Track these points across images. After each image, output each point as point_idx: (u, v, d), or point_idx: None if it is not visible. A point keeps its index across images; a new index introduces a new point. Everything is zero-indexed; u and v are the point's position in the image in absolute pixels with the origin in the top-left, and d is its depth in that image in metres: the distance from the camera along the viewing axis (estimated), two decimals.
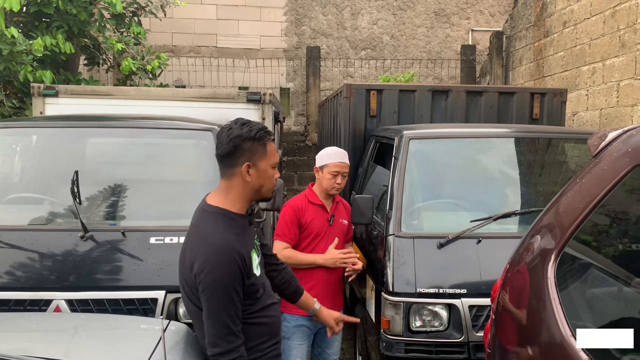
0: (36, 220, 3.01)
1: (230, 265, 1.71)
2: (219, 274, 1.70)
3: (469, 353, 2.72)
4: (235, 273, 1.72)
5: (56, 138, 3.40)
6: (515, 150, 3.68)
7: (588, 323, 1.37)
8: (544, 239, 1.59)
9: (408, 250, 2.88)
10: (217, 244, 1.73)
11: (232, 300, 1.72)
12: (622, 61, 5.66)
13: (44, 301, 2.55)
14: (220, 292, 1.70)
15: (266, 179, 1.85)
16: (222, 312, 1.71)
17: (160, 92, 4.67)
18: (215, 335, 1.72)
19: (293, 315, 2.94)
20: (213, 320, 1.72)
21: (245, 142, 1.80)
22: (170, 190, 3.23)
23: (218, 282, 1.70)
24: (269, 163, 1.85)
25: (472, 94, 4.64)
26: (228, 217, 1.81)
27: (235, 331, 1.73)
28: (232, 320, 1.73)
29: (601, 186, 1.45)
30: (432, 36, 10.82)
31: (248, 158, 1.81)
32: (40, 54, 5.50)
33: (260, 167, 1.83)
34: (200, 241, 1.77)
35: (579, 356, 1.27)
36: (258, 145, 1.82)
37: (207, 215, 1.84)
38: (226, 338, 1.71)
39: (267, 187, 1.88)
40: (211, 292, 1.70)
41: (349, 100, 4.51)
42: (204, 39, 10.31)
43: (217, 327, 1.72)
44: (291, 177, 9.18)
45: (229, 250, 1.72)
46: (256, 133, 1.81)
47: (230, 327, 1.72)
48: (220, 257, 1.71)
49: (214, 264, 1.70)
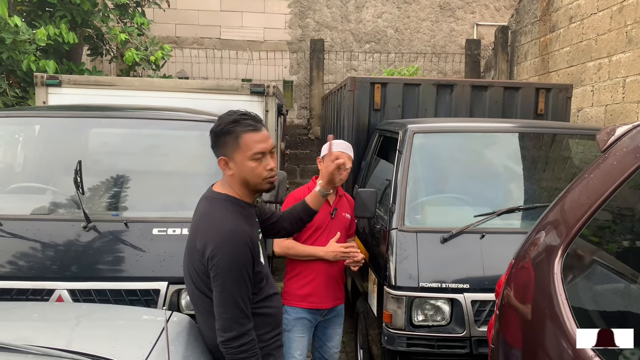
0: (39, 210, 3.01)
1: (243, 248, 1.72)
2: (233, 257, 1.70)
3: (470, 348, 2.72)
4: (247, 256, 1.73)
5: (59, 128, 3.39)
6: (519, 145, 3.66)
7: (594, 319, 1.35)
8: (551, 234, 1.57)
9: (411, 245, 2.87)
10: (230, 228, 1.73)
11: (245, 283, 1.73)
12: (629, 57, 5.62)
13: (46, 291, 2.55)
14: (235, 275, 1.71)
15: (247, 172, 1.80)
16: (236, 296, 1.71)
17: (164, 83, 4.65)
18: (229, 319, 1.71)
19: (294, 307, 2.94)
20: (227, 304, 1.72)
21: (218, 137, 1.79)
22: (173, 182, 3.22)
23: (233, 265, 1.70)
24: (245, 156, 1.78)
25: (477, 88, 4.62)
26: (237, 204, 1.82)
27: (247, 314, 1.74)
28: (245, 303, 1.73)
29: (609, 182, 1.44)
30: (436, 30, 10.76)
31: (223, 152, 1.80)
32: (43, 44, 5.48)
33: (237, 161, 1.79)
34: (211, 226, 1.76)
35: (585, 352, 1.26)
36: (229, 139, 1.78)
37: (216, 202, 1.84)
38: (240, 321, 1.72)
39: (254, 180, 1.82)
40: (226, 275, 1.70)
41: (353, 93, 4.49)
42: (207, 31, 10.27)
43: (232, 310, 1.71)
44: (293, 170, 9.17)
45: (242, 234, 1.73)
46: (223, 127, 1.78)
47: (244, 311, 1.73)
48: (233, 240, 1.71)
49: (228, 247, 1.70)
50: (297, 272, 2.95)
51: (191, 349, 1.79)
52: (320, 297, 2.94)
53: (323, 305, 2.97)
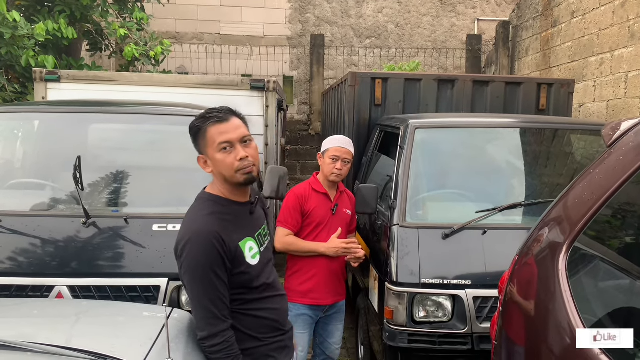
0: (38, 206, 3.00)
1: (207, 248, 1.68)
2: (196, 256, 1.68)
3: (472, 344, 2.71)
4: (213, 257, 1.69)
5: (58, 123, 3.37)
6: (521, 141, 3.64)
7: (600, 316, 1.34)
8: (555, 231, 1.56)
9: (412, 241, 2.85)
10: (195, 227, 1.72)
11: (213, 283, 1.69)
12: (632, 52, 5.59)
13: (46, 287, 2.54)
14: (199, 274, 1.69)
15: (220, 166, 1.76)
16: (202, 296, 1.70)
17: (163, 79, 4.63)
18: (199, 319, 1.72)
19: (295, 304, 2.93)
20: (195, 304, 1.72)
21: (192, 137, 1.80)
22: (173, 178, 3.20)
23: (196, 265, 1.69)
24: (213, 149, 1.75)
25: (478, 83, 4.59)
26: (218, 204, 1.80)
27: (219, 316, 1.70)
28: (214, 304, 1.70)
29: (614, 178, 1.42)
30: (437, 25, 10.72)
31: (199, 151, 1.81)
32: (42, 39, 5.46)
33: (209, 156, 1.77)
34: (183, 225, 1.78)
35: (591, 349, 1.25)
36: (200, 136, 1.78)
37: (198, 201, 1.85)
38: (209, 322, 1.70)
39: (227, 173, 1.76)
40: (190, 274, 1.70)
41: (353, 88, 4.46)
42: (207, 26, 10.23)
43: (200, 310, 1.71)
44: (294, 166, 9.15)
45: (207, 234, 1.69)
46: (192, 125, 1.78)
47: (212, 312, 1.69)
48: (197, 240, 1.69)
49: (191, 246, 1.69)
50: (298, 269, 2.94)
51: (192, 346, 1.77)
52: (322, 293, 2.93)
53: (324, 302, 2.96)
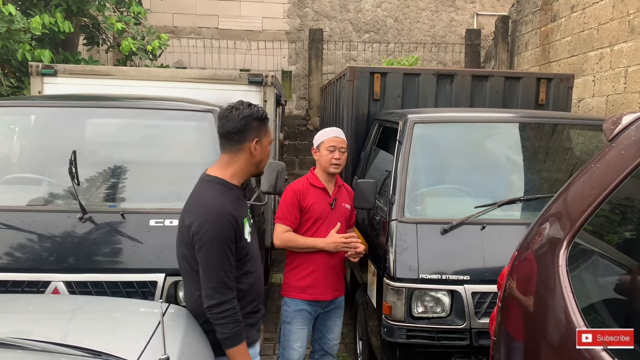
0: (35, 201, 2.97)
1: (226, 225, 1.92)
2: (216, 232, 1.90)
3: (470, 339, 2.70)
4: (230, 233, 1.92)
5: (55, 118, 3.34)
6: (520, 136, 3.62)
7: (600, 311, 1.33)
8: (555, 226, 1.54)
9: (411, 236, 2.84)
10: (215, 207, 1.94)
11: (227, 256, 1.92)
12: (631, 46, 5.56)
13: (42, 283, 2.52)
14: (217, 248, 1.90)
15: (265, 155, 2.12)
16: (218, 267, 1.90)
17: (161, 73, 4.59)
18: (211, 288, 1.91)
19: (293, 299, 2.92)
20: (210, 275, 1.91)
21: (255, 121, 2.03)
22: (171, 172, 3.18)
23: (215, 240, 1.89)
24: (268, 140, 2.12)
25: (477, 78, 4.58)
26: (226, 187, 2.02)
27: (229, 285, 1.93)
28: (226, 275, 1.92)
29: (615, 173, 1.40)
30: (436, 20, 10.68)
31: (257, 135, 2.04)
32: (38, 33, 5.41)
33: (263, 143, 2.08)
34: (199, 204, 1.98)
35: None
36: (263, 124, 2.08)
37: (207, 184, 2.04)
38: (221, 291, 1.91)
39: (264, 162, 2.14)
40: (209, 248, 1.90)
41: (352, 83, 4.44)
42: (205, 20, 10.17)
43: (214, 280, 1.91)
44: (292, 161, 9.13)
45: (226, 213, 1.93)
46: (262, 113, 2.08)
47: (224, 281, 1.91)
48: (217, 218, 1.91)
49: (212, 223, 1.90)
50: (297, 264, 2.93)
51: (188, 342, 1.77)
52: (320, 288, 2.92)
53: (323, 297, 2.95)
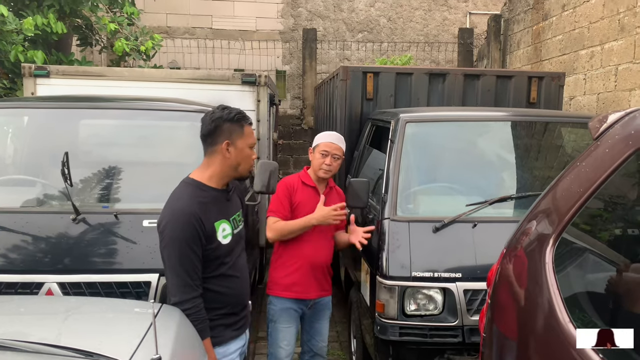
0: (28, 203, 2.97)
1: (187, 225, 1.97)
2: (176, 232, 1.96)
3: (463, 337, 2.73)
4: (191, 233, 1.97)
5: (48, 119, 3.34)
6: (512, 134, 3.65)
7: (586, 308, 1.35)
8: (543, 223, 1.56)
9: (403, 234, 2.86)
10: (178, 207, 2.01)
11: (188, 256, 1.97)
12: (621, 45, 5.61)
13: (35, 284, 2.52)
14: (177, 247, 1.96)
15: (243, 158, 2.12)
16: (178, 266, 1.96)
17: (154, 74, 4.59)
18: (172, 285, 1.99)
19: (279, 297, 2.91)
20: (171, 273, 1.99)
21: (225, 123, 2.06)
22: (164, 173, 3.18)
23: (175, 239, 1.96)
24: (246, 143, 2.11)
25: (469, 77, 4.60)
26: (198, 188, 2.07)
27: (191, 284, 1.98)
28: (188, 274, 1.97)
29: (601, 170, 1.43)
30: (429, 19, 10.70)
31: (227, 137, 2.07)
32: (31, 34, 5.39)
33: (238, 146, 2.09)
34: (167, 204, 2.06)
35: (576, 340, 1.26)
36: (236, 127, 2.09)
37: (181, 185, 2.11)
38: (182, 289, 1.97)
39: (244, 166, 2.14)
40: (170, 247, 1.97)
41: (345, 82, 4.46)
42: (199, 20, 10.15)
43: (174, 278, 1.98)
44: (287, 160, 9.14)
45: (188, 213, 1.98)
46: (234, 115, 2.09)
47: (185, 280, 1.97)
48: (178, 218, 1.98)
49: (173, 223, 1.97)
50: (283, 261, 2.92)
51: (180, 342, 1.77)
52: (305, 286, 2.90)
53: (308, 295, 2.93)
